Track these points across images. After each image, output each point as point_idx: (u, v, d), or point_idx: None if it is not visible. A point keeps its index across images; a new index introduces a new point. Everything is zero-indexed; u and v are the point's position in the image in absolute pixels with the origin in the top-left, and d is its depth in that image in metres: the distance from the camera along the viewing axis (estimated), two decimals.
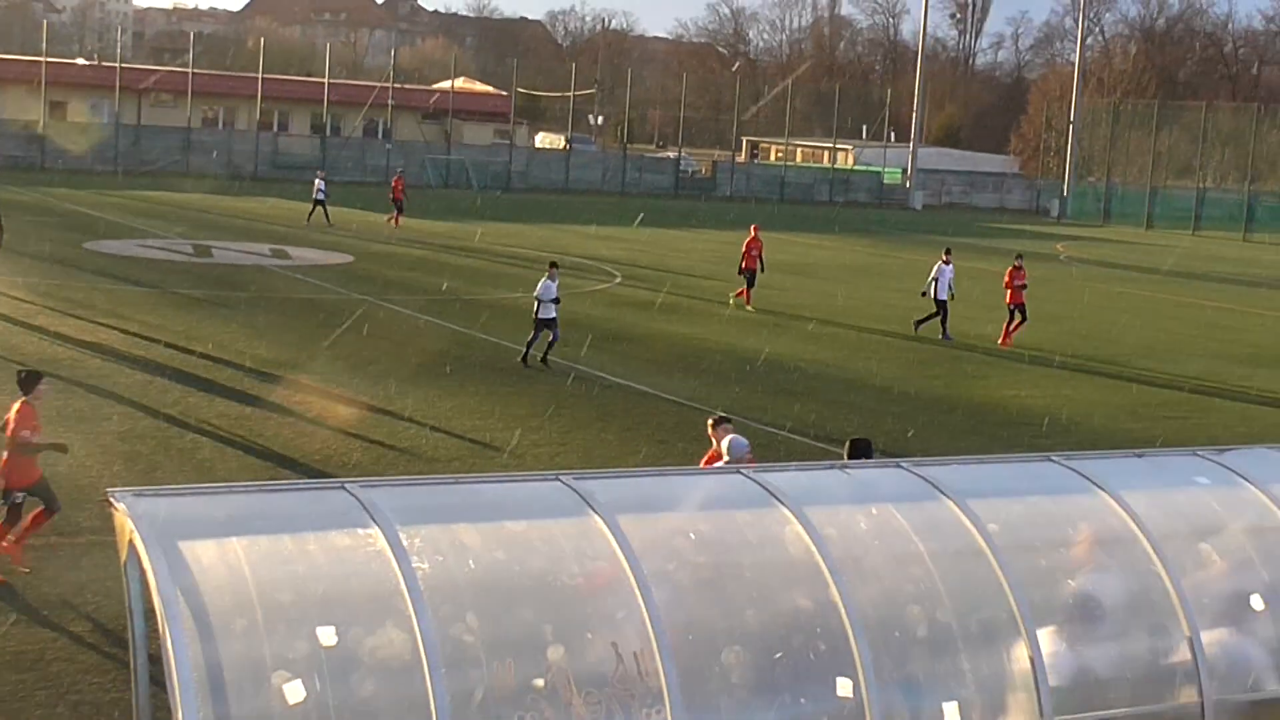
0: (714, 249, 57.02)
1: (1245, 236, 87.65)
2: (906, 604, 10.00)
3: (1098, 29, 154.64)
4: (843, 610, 9.50)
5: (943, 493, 10.56)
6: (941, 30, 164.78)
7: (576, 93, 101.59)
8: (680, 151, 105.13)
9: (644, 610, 9.08)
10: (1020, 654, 9.93)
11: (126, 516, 8.71)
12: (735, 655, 9.40)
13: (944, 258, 36.30)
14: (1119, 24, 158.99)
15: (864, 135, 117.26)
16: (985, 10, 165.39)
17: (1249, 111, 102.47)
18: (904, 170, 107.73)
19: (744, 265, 39.79)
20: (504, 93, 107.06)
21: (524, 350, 28.93)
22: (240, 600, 8.54)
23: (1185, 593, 10.68)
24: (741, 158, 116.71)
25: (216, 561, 8.72)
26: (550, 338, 28.76)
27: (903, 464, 11.11)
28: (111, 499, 8.93)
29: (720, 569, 9.96)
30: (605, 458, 21.47)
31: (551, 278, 28.91)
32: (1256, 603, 11.28)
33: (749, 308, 39.01)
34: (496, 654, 8.89)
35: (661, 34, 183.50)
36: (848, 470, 11.46)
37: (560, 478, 10.02)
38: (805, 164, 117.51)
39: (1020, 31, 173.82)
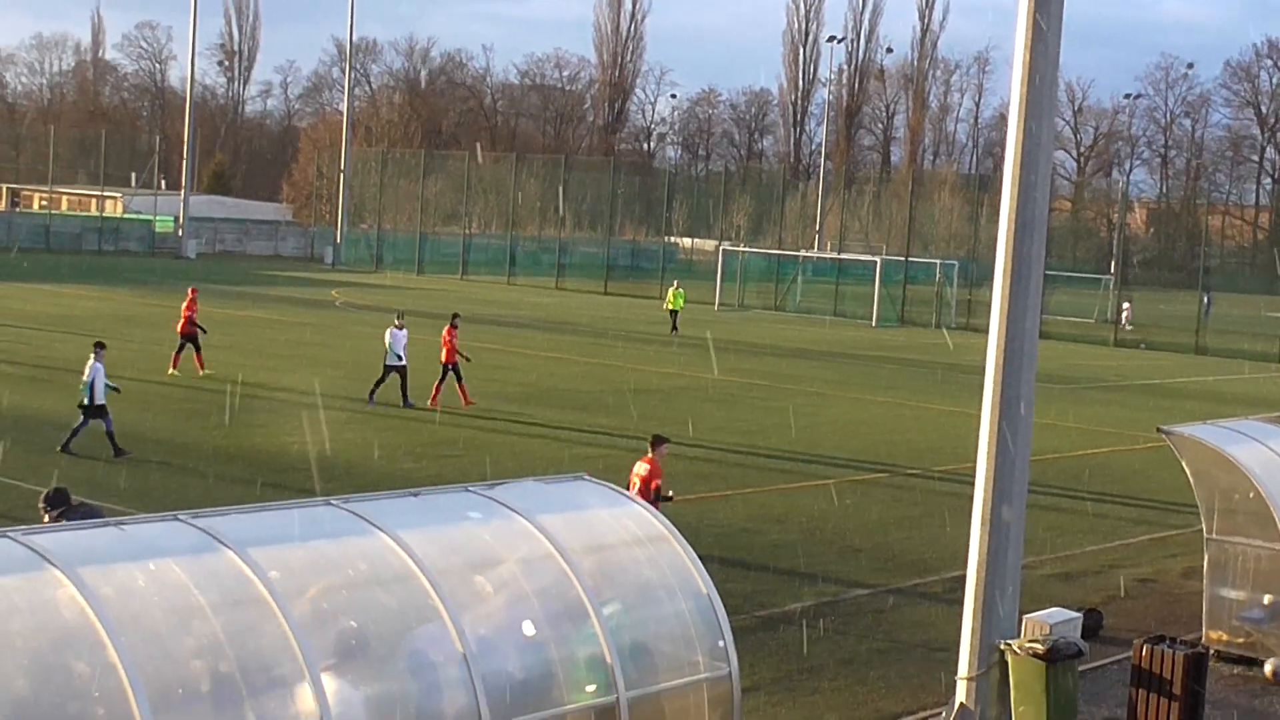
0: None
1: (509, 280, 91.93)
2: (189, 659, 9.82)
3: (365, 80, 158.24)
4: (121, 671, 9.19)
5: (223, 543, 10.46)
6: (210, 77, 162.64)
7: None
8: None
9: None
10: (306, 698, 9.96)
11: None
12: None
13: (396, 322, 35.83)
14: (385, 75, 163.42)
15: (133, 183, 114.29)
16: (253, 58, 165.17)
17: (508, 161, 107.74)
18: (176, 218, 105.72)
19: (181, 329, 38.13)
20: None
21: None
22: None
23: (463, 625, 11.07)
24: (2, 206, 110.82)
25: None
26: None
27: (180, 516, 10.90)
28: None
29: None
30: None
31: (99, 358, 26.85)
32: (529, 629, 11.86)
33: (205, 372, 37.35)
34: None
35: None
36: (123, 526, 11.11)
37: None
38: (72, 212, 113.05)
39: (289, 80, 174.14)
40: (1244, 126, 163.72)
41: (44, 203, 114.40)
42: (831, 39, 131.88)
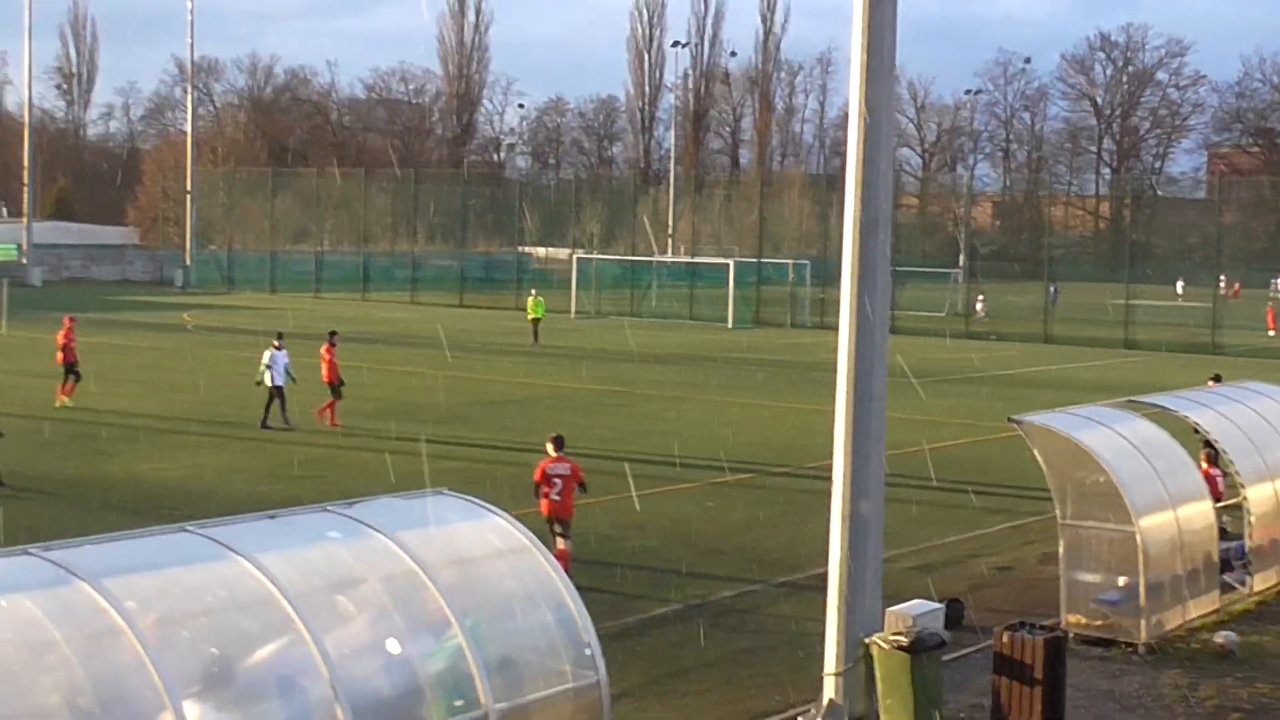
0: None
1: (363, 296, 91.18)
2: (45, 695, 9.62)
3: (208, 99, 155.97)
4: None
5: (76, 575, 10.26)
6: (48, 101, 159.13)
7: None
8: None
9: None
10: None
11: None
12: None
13: (275, 344, 35.24)
14: (229, 94, 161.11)
15: None
16: (92, 80, 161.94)
17: (358, 177, 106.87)
18: (19, 246, 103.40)
19: (63, 359, 37.35)
20: None
21: None
22: None
23: (326, 646, 10.95)
24: None
25: None
26: None
27: (31, 550, 10.67)
28: None
29: None
30: None
31: None
32: (393, 647, 11.78)
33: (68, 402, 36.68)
34: None
35: None
36: None
37: None
38: None
39: (130, 102, 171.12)
40: (1081, 118, 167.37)
41: None
42: (675, 44, 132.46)
